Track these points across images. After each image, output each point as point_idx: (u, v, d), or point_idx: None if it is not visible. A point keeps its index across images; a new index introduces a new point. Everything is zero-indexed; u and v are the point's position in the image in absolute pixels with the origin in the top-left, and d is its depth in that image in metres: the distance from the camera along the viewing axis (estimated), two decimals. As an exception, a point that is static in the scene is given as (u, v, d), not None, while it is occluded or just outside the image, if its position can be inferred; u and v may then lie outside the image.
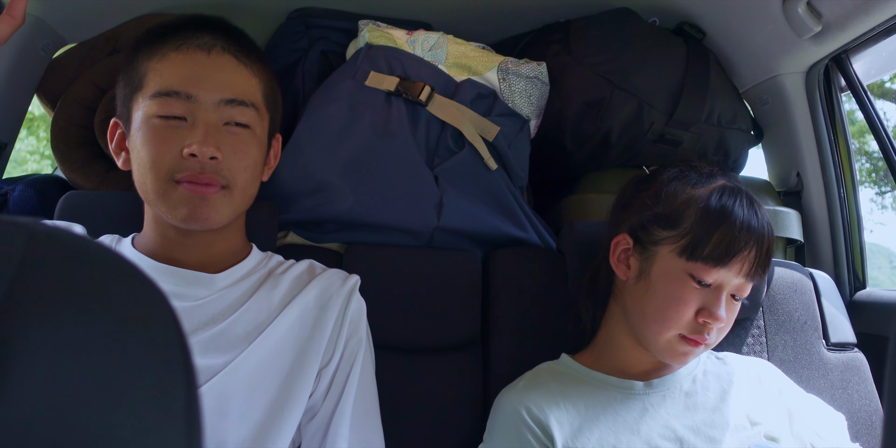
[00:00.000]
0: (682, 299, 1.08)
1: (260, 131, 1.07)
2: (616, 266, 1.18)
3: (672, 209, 1.13)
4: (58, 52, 1.66)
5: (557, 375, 1.19)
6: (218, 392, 0.95)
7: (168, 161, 0.98)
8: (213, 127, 1.00)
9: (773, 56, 1.76)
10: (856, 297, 1.72)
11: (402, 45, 1.56)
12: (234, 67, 1.04)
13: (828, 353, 1.39)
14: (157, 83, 1.00)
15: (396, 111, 1.45)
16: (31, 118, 5.61)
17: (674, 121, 1.64)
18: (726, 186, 1.13)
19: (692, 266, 1.08)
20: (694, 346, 1.08)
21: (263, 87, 1.09)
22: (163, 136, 0.98)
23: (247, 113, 1.04)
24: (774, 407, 1.16)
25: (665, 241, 1.12)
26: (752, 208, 1.10)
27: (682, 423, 1.11)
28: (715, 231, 1.07)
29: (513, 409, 1.11)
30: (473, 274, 1.37)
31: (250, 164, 1.04)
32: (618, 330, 1.19)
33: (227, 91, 1.02)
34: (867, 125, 1.72)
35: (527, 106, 1.57)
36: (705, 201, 1.10)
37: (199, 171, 0.98)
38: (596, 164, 1.74)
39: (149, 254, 1.07)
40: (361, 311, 1.12)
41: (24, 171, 6.81)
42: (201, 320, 1.01)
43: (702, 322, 1.07)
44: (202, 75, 1.01)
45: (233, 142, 1.01)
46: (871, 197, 6.62)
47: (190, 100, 0.99)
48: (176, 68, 1.01)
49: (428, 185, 1.40)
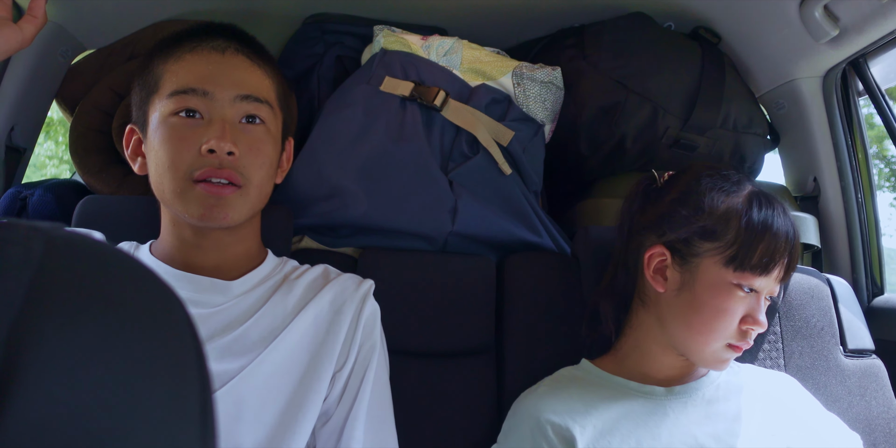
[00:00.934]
0: (730, 309, 1.09)
1: (274, 129, 1.09)
2: (653, 278, 1.17)
3: (714, 221, 1.13)
4: (76, 58, 1.68)
5: (577, 380, 1.19)
6: (233, 397, 0.96)
7: (187, 159, 0.99)
8: (231, 123, 1.02)
9: (789, 60, 1.75)
10: (874, 302, 1.70)
11: (416, 50, 1.56)
12: (248, 67, 1.07)
13: (845, 360, 1.38)
14: (174, 83, 1.02)
15: (411, 116, 1.45)
16: (50, 123, 5.66)
17: (689, 126, 1.64)
18: (759, 194, 1.15)
19: (739, 276, 1.09)
20: (737, 352, 1.11)
21: (277, 87, 1.11)
22: (181, 135, 1.00)
23: (262, 109, 1.05)
24: (794, 422, 1.15)
25: (709, 253, 1.12)
26: (787, 216, 1.13)
27: (703, 430, 1.10)
28: (760, 242, 1.09)
29: (531, 416, 1.12)
30: (487, 279, 1.37)
31: (266, 161, 1.05)
32: (648, 338, 1.18)
33: (242, 87, 1.04)
34: (885, 130, 1.71)
35: (541, 111, 1.56)
36: (747, 213, 1.12)
37: (218, 166, 0.99)
38: (611, 168, 1.74)
39: (166, 260, 1.07)
40: (375, 315, 1.12)
41: (42, 175, 6.87)
42: (217, 327, 1.01)
43: (745, 329, 1.09)
44: (217, 73, 1.03)
45: (249, 139, 1.03)
46: (890, 201, 6.56)
47: (206, 96, 1.01)
48: (192, 68, 1.03)
49: (442, 189, 1.40)
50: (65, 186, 1.57)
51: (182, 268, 1.06)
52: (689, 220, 1.15)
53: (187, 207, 1.00)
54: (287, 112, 1.15)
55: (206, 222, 1.01)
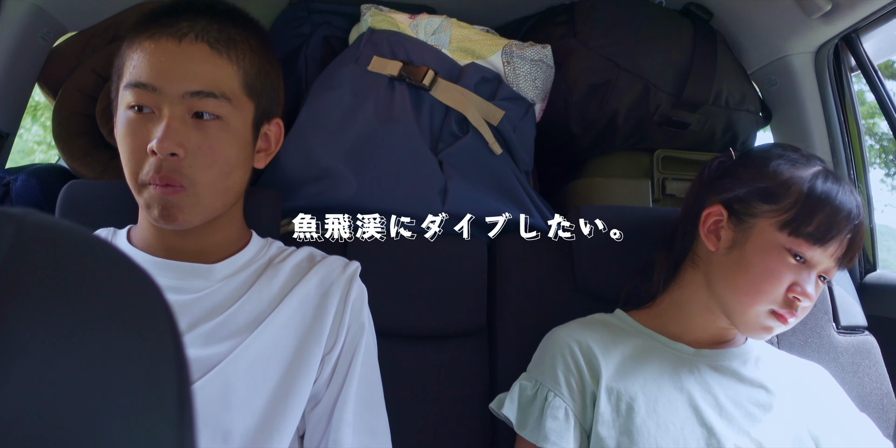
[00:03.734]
0: (777, 273, 1.09)
1: (236, 123, 1.03)
2: (706, 236, 1.19)
3: (776, 184, 1.14)
4: (58, 41, 1.65)
5: (609, 325, 1.21)
6: (220, 382, 0.95)
7: (138, 158, 0.98)
8: (178, 120, 0.97)
9: (781, 36, 1.73)
10: (866, 279, 1.70)
11: (404, 29, 1.55)
12: (206, 57, 1.00)
13: (838, 337, 1.38)
14: (131, 74, 0.99)
15: (400, 96, 1.44)
16: (37, 107, 5.60)
17: (681, 103, 1.62)
18: (829, 172, 1.15)
19: (793, 241, 1.09)
20: (782, 322, 1.10)
21: (244, 74, 1.04)
22: (133, 130, 0.98)
23: (215, 104, 0.99)
24: (822, 414, 1.15)
25: (765, 215, 1.13)
26: (853, 196, 1.13)
27: (725, 393, 1.12)
28: (819, 211, 1.09)
29: (564, 342, 1.15)
30: (479, 260, 1.36)
31: (218, 159, 1.00)
32: (692, 297, 1.19)
33: (193, 82, 0.98)
34: (877, 106, 1.70)
35: (532, 89, 1.55)
36: (811, 182, 1.12)
37: (157, 170, 0.96)
38: (602, 147, 1.72)
39: (145, 247, 1.06)
40: (363, 297, 1.12)
41: (31, 160, 6.82)
42: (202, 312, 1.00)
43: (792, 297, 1.08)
44: (170, 66, 0.98)
45: (198, 137, 0.98)
46: (882, 178, 6.58)
47: (156, 92, 0.97)
48: (146, 58, 0.98)
49: (432, 170, 1.39)
50: (49, 171, 1.55)
51: (162, 254, 1.04)
52: (750, 180, 1.17)
53: (145, 208, 1.00)
54: (264, 97, 1.09)
55: (161, 224, 1.00)
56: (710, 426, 1.07)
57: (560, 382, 1.11)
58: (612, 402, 1.08)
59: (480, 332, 1.33)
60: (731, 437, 1.06)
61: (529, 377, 1.16)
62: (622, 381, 1.10)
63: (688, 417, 1.08)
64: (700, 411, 1.08)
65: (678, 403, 1.09)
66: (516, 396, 1.14)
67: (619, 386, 1.09)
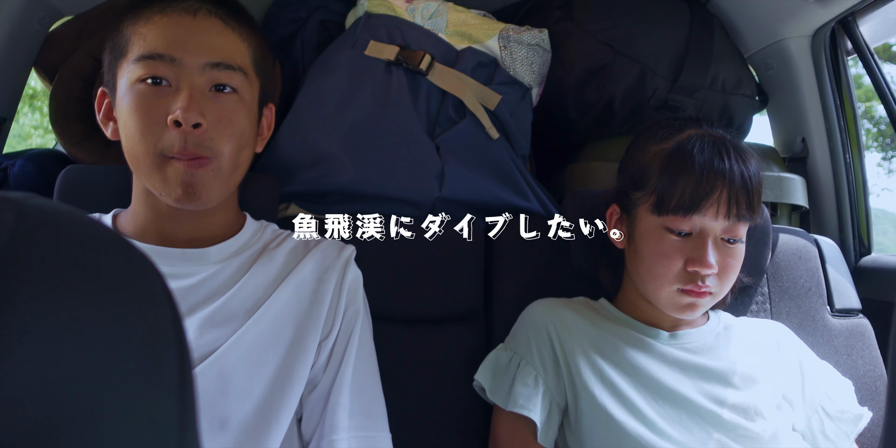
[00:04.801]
0: (664, 253, 1.10)
1: (249, 98, 1.04)
2: (612, 235, 1.22)
3: (639, 169, 1.15)
4: (54, 25, 1.64)
5: (590, 307, 1.23)
6: (218, 369, 0.95)
7: (156, 131, 0.95)
8: (199, 91, 0.97)
9: (778, 20, 1.73)
10: (861, 262, 1.71)
11: (401, 13, 1.54)
12: (221, 30, 1.01)
13: (832, 320, 1.39)
14: (142, 47, 0.97)
15: (397, 80, 1.44)
16: (34, 93, 5.58)
17: (677, 87, 1.62)
18: (691, 134, 1.13)
19: (665, 220, 1.10)
20: (695, 297, 1.09)
21: (253, 52, 1.05)
22: (148, 104, 0.96)
23: (234, 77, 1.00)
24: (788, 367, 1.18)
25: (640, 202, 1.15)
26: (716, 149, 1.10)
27: (695, 363, 1.14)
28: (678, 180, 1.08)
29: (540, 315, 1.19)
30: (476, 245, 1.36)
31: (236, 132, 1.01)
32: (633, 294, 1.21)
33: (213, 54, 0.98)
34: (874, 89, 1.70)
35: (528, 74, 1.55)
36: (666, 155, 1.12)
37: (183, 144, 0.95)
38: (599, 132, 1.73)
39: (136, 233, 1.05)
40: (358, 281, 1.12)
41: (28, 145, 6.79)
42: (198, 298, 1.00)
43: (692, 271, 1.08)
44: (187, 38, 0.98)
45: (218, 109, 0.98)
46: (878, 161, 6.58)
47: (174, 63, 0.96)
48: (160, 31, 0.97)
49: (429, 155, 1.39)
50: (46, 156, 1.55)
51: (155, 240, 1.03)
52: (627, 171, 1.20)
53: (165, 186, 0.97)
54: (265, 78, 1.10)
55: (183, 204, 0.98)
56: (682, 401, 1.09)
57: (532, 352, 1.14)
58: (587, 375, 1.11)
59: (477, 316, 1.34)
60: (707, 411, 1.08)
61: (506, 348, 1.19)
62: (595, 363, 1.12)
63: (656, 396, 1.10)
64: (671, 391, 1.10)
65: (646, 384, 1.11)
66: (491, 365, 1.17)
67: (585, 362, 1.11)
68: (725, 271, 1.10)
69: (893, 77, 4.11)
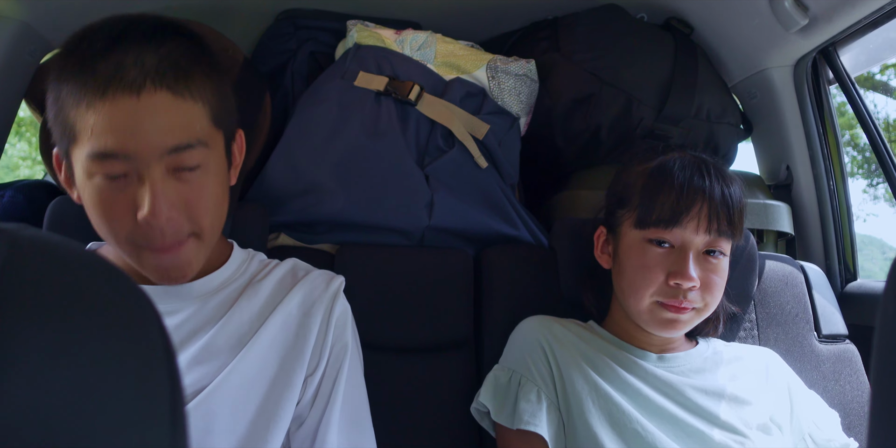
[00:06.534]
0: (646, 266, 1.12)
1: (216, 161, 0.96)
2: (600, 257, 1.24)
3: (623, 187, 1.19)
4: (45, 58, 1.66)
5: (582, 328, 1.24)
6: (203, 410, 0.92)
7: (125, 224, 0.89)
8: (161, 181, 0.88)
9: (760, 50, 1.76)
10: (847, 288, 1.72)
11: (390, 44, 1.56)
12: (171, 104, 0.88)
13: (820, 345, 1.40)
14: (92, 143, 0.86)
15: (386, 111, 1.45)
16: (22, 123, 5.58)
17: (663, 116, 1.65)
18: (674, 155, 1.17)
19: (648, 232, 1.13)
20: (675, 312, 1.11)
21: (210, 108, 0.93)
22: (110, 199, 0.89)
23: (195, 155, 0.91)
24: (777, 392, 1.19)
25: (624, 219, 1.18)
26: (696, 167, 1.14)
27: (684, 384, 1.14)
28: (658, 195, 1.12)
29: (533, 331, 1.19)
30: (465, 272, 1.37)
31: (210, 203, 0.94)
32: (620, 317, 1.22)
33: (167, 137, 0.88)
34: (855, 117, 1.73)
35: (516, 103, 1.57)
36: (648, 172, 1.16)
37: (161, 238, 0.89)
38: (586, 160, 1.74)
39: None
40: (347, 314, 1.08)
41: (16, 176, 6.79)
42: (183, 336, 0.97)
43: (673, 284, 1.09)
44: (135, 127, 0.86)
45: (186, 190, 0.91)
46: (864, 188, 6.64)
47: (129, 159, 0.86)
48: (106, 123, 0.86)
49: (418, 184, 1.40)
50: (36, 187, 1.55)
51: (138, 276, 0.97)
52: (611, 192, 1.23)
53: (143, 269, 0.93)
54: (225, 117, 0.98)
55: (166, 283, 0.95)
56: (672, 420, 1.10)
57: (530, 368, 1.14)
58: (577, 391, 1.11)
59: (467, 343, 1.34)
60: (697, 431, 1.09)
61: (502, 367, 1.19)
62: (581, 371, 1.13)
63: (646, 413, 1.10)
64: (661, 408, 1.11)
65: (637, 401, 1.11)
66: (491, 386, 1.17)
67: (578, 374, 1.13)
68: (709, 287, 1.11)
69: (877, 105, 4.15)
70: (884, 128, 1.77)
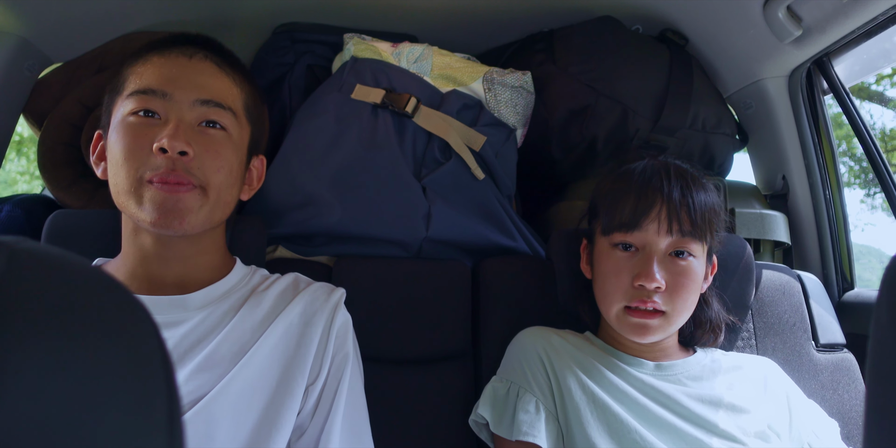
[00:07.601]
0: (612, 271, 1.15)
1: (238, 138, 1.06)
2: (584, 269, 1.27)
3: (595, 198, 1.23)
4: (43, 72, 1.66)
5: (579, 337, 1.25)
6: (205, 417, 0.93)
7: (139, 156, 0.97)
8: (187, 124, 1.00)
9: (755, 61, 1.77)
10: (844, 298, 1.72)
11: (387, 57, 1.57)
12: (215, 73, 1.05)
13: (817, 355, 1.40)
14: (136, 83, 1.01)
15: (383, 123, 1.46)
16: (21, 139, 5.59)
17: (659, 127, 1.65)
18: (649, 166, 1.19)
19: (612, 238, 1.16)
20: (641, 317, 1.12)
21: (245, 98, 1.09)
22: (136, 133, 0.98)
23: (224, 115, 1.04)
24: (776, 401, 1.19)
25: (595, 228, 1.21)
26: (657, 170, 1.16)
27: (682, 393, 1.14)
28: (619, 199, 1.15)
29: (530, 342, 1.20)
30: (463, 284, 1.37)
31: (224, 165, 1.02)
32: (611, 327, 1.22)
33: (204, 92, 1.02)
34: (850, 127, 1.74)
35: (513, 115, 1.57)
36: (610, 180, 1.20)
37: (171, 168, 0.96)
38: (583, 171, 1.75)
39: (123, 279, 1.03)
40: (347, 325, 1.10)
41: (14, 191, 6.78)
42: (187, 346, 0.98)
43: (637, 285, 1.11)
44: (180, 76, 1.02)
45: (206, 141, 1.01)
46: (861, 198, 6.65)
47: (166, 98, 1.00)
48: (156, 70, 1.02)
49: (416, 196, 1.41)
50: (34, 201, 1.56)
51: (142, 288, 1.02)
52: (588, 208, 1.27)
53: (141, 210, 0.96)
54: (256, 126, 1.12)
55: (160, 229, 0.97)
56: (670, 429, 1.10)
57: (528, 379, 1.15)
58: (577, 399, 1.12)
59: (466, 355, 1.34)
60: (695, 439, 1.09)
61: (500, 378, 1.19)
62: (578, 380, 1.13)
63: (644, 422, 1.10)
64: (658, 417, 1.11)
65: (635, 410, 1.11)
66: (489, 397, 1.17)
67: (576, 383, 1.13)
68: (676, 289, 1.12)
69: (872, 115, 4.17)
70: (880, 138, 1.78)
